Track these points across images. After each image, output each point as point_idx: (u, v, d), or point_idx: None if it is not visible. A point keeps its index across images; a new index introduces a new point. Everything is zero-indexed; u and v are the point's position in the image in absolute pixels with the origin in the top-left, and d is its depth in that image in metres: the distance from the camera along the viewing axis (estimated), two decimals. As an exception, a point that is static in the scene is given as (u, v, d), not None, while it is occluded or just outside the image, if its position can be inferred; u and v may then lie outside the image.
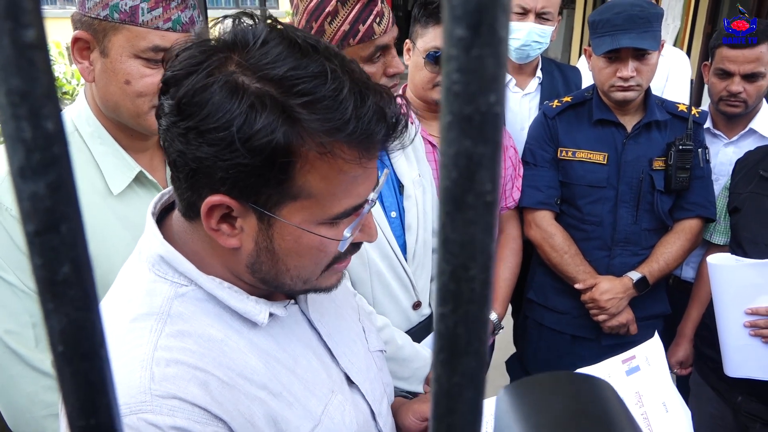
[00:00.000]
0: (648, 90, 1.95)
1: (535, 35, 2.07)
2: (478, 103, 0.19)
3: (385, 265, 1.42)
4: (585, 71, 2.34)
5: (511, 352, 2.41)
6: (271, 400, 0.77)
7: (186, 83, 0.66)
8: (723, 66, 1.99)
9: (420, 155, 1.59)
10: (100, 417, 0.25)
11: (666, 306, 2.09)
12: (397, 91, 1.54)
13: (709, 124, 2.13)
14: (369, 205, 0.76)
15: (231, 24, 0.70)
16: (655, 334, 1.17)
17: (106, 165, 1.14)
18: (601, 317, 1.96)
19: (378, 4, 1.30)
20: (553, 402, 0.38)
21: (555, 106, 2.03)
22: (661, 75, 2.61)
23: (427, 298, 1.56)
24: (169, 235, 0.78)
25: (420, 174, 1.55)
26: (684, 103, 2.01)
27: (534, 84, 2.26)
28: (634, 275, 1.95)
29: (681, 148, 1.89)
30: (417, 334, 1.53)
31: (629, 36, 1.78)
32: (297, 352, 0.83)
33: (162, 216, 0.83)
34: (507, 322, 2.03)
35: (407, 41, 1.76)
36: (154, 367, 0.68)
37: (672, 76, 2.69)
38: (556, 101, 2.05)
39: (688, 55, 4.90)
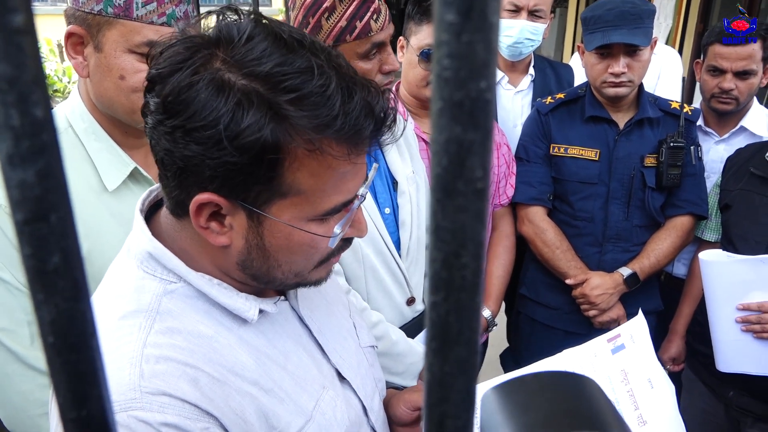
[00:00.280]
0: (641, 87, 1.96)
1: (528, 33, 2.08)
2: (469, 88, 0.19)
3: (379, 261, 1.42)
4: (578, 68, 2.34)
5: (503, 349, 2.41)
6: (262, 396, 0.76)
7: (171, 81, 0.65)
8: (715, 63, 2.00)
9: (413, 152, 1.59)
10: (91, 408, 0.25)
11: (658, 302, 2.10)
12: (392, 88, 1.54)
13: (700, 122, 2.14)
14: (359, 200, 0.76)
15: (215, 19, 0.70)
16: (639, 311, 1.18)
17: (100, 161, 1.13)
18: (591, 312, 1.97)
19: (375, 1, 1.30)
20: (539, 402, 0.38)
21: (548, 103, 2.04)
22: (653, 73, 2.62)
23: (421, 294, 1.57)
24: (158, 232, 0.78)
25: (414, 171, 1.55)
26: (677, 101, 2.02)
27: (526, 81, 2.26)
28: (625, 271, 1.96)
29: (672, 145, 1.90)
30: (411, 329, 1.53)
31: (620, 32, 1.79)
32: (287, 348, 0.83)
33: (151, 213, 0.82)
34: (500, 319, 2.03)
35: (401, 38, 1.75)
36: (144, 364, 0.68)
37: (664, 74, 2.70)
38: (550, 98, 2.06)
39: (680, 53, 4.92)
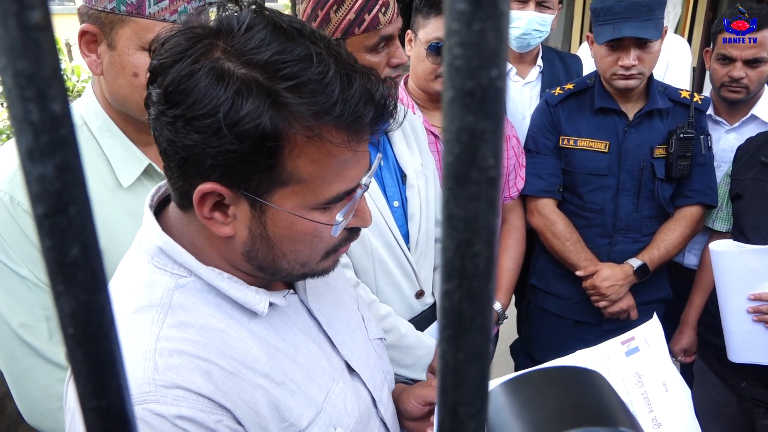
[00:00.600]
0: (650, 77, 1.94)
1: (536, 24, 2.07)
2: (480, 77, 0.19)
3: (388, 255, 1.42)
4: (586, 58, 2.33)
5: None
6: (274, 388, 0.77)
7: (172, 71, 0.66)
8: (725, 52, 1.98)
9: (422, 145, 1.59)
10: (110, 398, 0.25)
11: (667, 291, 2.10)
12: (400, 82, 1.54)
13: (710, 111, 2.13)
14: (362, 189, 0.76)
15: (216, 10, 0.70)
16: (654, 315, 1.18)
17: (115, 158, 1.14)
18: (602, 303, 1.97)
19: None
20: (547, 398, 0.38)
21: (557, 94, 2.03)
22: (662, 62, 2.60)
23: (430, 287, 1.57)
24: (167, 227, 0.78)
25: (423, 164, 1.55)
26: (687, 90, 2.00)
27: (535, 73, 2.25)
28: (635, 262, 1.95)
29: (682, 136, 1.88)
30: (420, 322, 1.54)
31: (631, 25, 1.77)
32: (297, 341, 0.83)
33: (160, 208, 0.83)
34: (510, 312, 2.03)
35: (409, 32, 1.75)
36: (158, 358, 0.69)
37: (672, 63, 2.68)
38: (558, 89, 2.04)
39: (689, 42, 4.87)
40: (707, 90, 2.23)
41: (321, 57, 0.66)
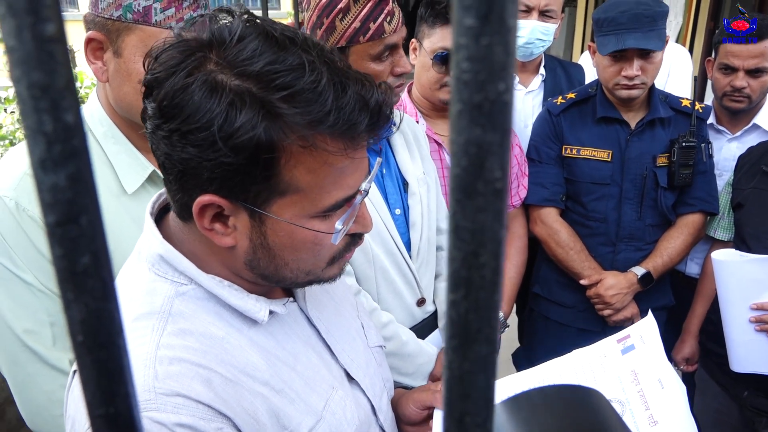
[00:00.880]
0: (652, 86, 1.95)
1: (539, 33, 2.07)
2: (488, 91, 0.19)
3: (389, 262, 1.42)
4: (588, 67, 2.34)
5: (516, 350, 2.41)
6: (274, 396, 0.77)
7: (166, 85, 0.66)
8: (727, 61, 1.99)
9: (424, 153, 1.59)
10: (118, 405, 0.25)
11: (669, 298, 2.10)
12: (404, 90, 1.54)
13: (712, 120, 2.13)
14: (361, 195, 0.75)
15: (208, 22, 0.70)
16: (649, 312, 1.18)
17: (119, 164, 1.15)
18: (606, 312, 1.97)
19: (389, 3, 1.31)
20: (545, 418, 0.38)
21: (559, 103, 2.03)
22: (663, 71, 2.61)
23: (431, 295, 1.57)
24: (168, 235, 0.78)
25: (424, 172, 1.55)
26: (688, 98, 2.01)
27: (537, 81, 2.26)
28: (639, 270, 1.95)
29: (684, 144, 1.89)
30: (421, 330, 1.53)
31: (634, 36, 1.77)
32: (297, 349, 0.83)
33: (160, 215, 0.83)
34: (511, 321, 2.03)
35: (413, 40, 1.76)
36: (158, 366, 0.69)
37: (673, 72, 2.69)
38: (560, 98, 2.05)
39: (691, 51, 4.89)
40: (709, 99, 2.23)
41: (313, 65, 0.66)
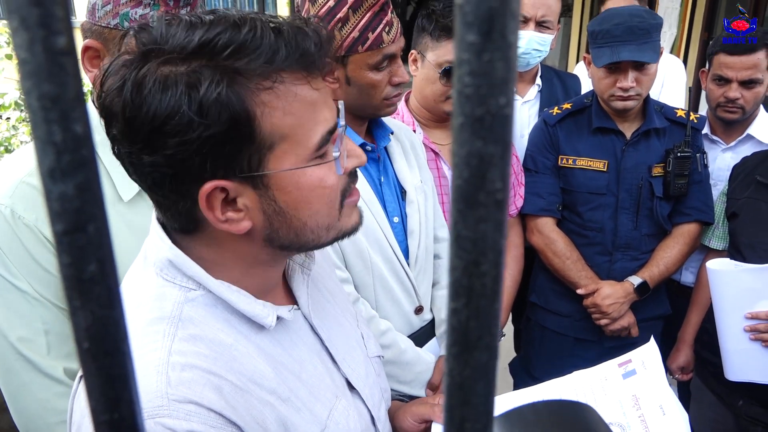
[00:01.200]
0: (647, 97, 1.96)
1: (535, 43, 2.09)
2: (489, 105, 0.20)
3: (387, 270, 1.43)
4: (584, 77, 2.35)
5: (512, 358, 2.41)
6: (280, 405, 0.77)
7: (118, 102, 0.67)
8: (721, 72, 2.01)
9: (422, 162, 1.60)
10: (123, 411, 0.26)
11: (666, 307, 2.11)
12: (401, 99, 1.55)
13: (707, 130, 2.15)
14: (340, 127, 0.77)
15: (134, 40, 0.71)
16: (651, 338, 1.18)
17: (115, 172, 1.15)
18: (603, 321, 1.98)
19: (388, 13, 1.32)
20: None
21: (555, 114, 2.05)
22: (657, 82, 2.62)
23: (429, 303, 1.57)
24: (174, 241, 0.78)
25: (422, 180, 1.56)
26: (683, 109, 2.03)
27: (533, 92, 2.27)
28: (635, 280, 1.96)
29: (679, 155, 1.90)
30: (419, 338, 1.54)
31: (629, 48, 1.78)
32: (302, 357, 0.83)
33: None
34: (507, 329, 2.04)
35: (413, 51, 1.76)
36: (170, 372, 0.69)
37: (667, 83, 2.71)
38: (556, 108, 2.06)
39: (685, 62, 4.92)
40: (703, 109, 2.25)
41: (243, 20, 0.68)
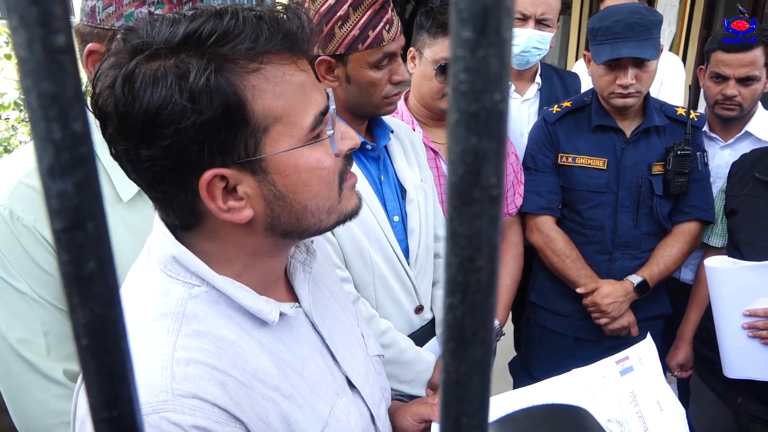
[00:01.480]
0: (647, 95, 1.96)
1: (535, 41, 2.09)
2: (484, 100, 0.20)
3: (388, 269, 1.43)
4: (583, 75, 2.35)
5: (511, 357, 2.41)
6: (283, 401, 0.77)
7: (112, 101, 0.68)
8: (718, 70, 2.01)
9: (422, 161, 1.60)
10: (121, 408, 0.26)
11: (667, 306, 2.11)
12: (400, 98, 1.55)
13: (705, 128, 2.15)
14: (332, 108, 0.78)
15: (122, 42, 0.72)
16: (648, 335, 1.19)
17: (114, 172, 1.15)
18: (602, 321, 1.98)
19: (388, 12, 1.32)
20: None
21: (555, 112, 2.05)
22: (656, 80, 2.63)
23: (429, 302, 1.57)
24: (177, 238, 0.79)
25: (422, 179, 1.56)
26: (683, 107, 2.03)
27: (533, 90, 2.27)
28: (635, 279, 1.96)
29: (679, 153, 1.90)
30: (419, 338, 1.54)
31: (629, 45, 1.78)
32: (304, 354, 0.84)
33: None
34: (507, 328, 2.04)
35: (411, 49, 1.76)
36: (175, 367, 0.69)
37: (666, 80, 2.71)
38: (556, 106, 2.06)
39: (684, 60, 4.92)
40: (702, 107, 2.25)
41: (224, 9, 0.70)
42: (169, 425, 0.66)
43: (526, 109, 2.27)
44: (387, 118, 1.51)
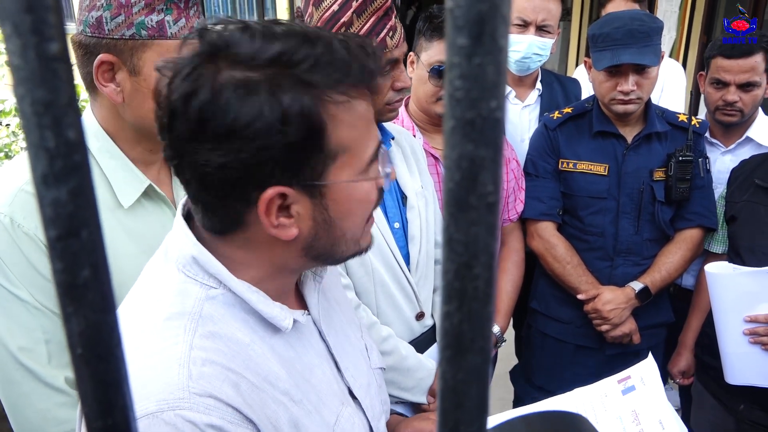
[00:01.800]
0: (648, 101, 1.96)
1: (536, 48, 2.09)
2: (480, 108, 0.20)
3: (388, 276, 1.43)
4: (584, 81, 2.35)
5: (513, 364, 2.40)
6: (293, 406, 0.78)
7: (194, 102, 0.67)
8: (718, 76, 2.01)
9: (422, 167, 1.60)
10: (116, 417, 0.26)
11: (669, 314, 2.10)
12: (402, 104, 1.55)
13: (706, 133, 2.15)
14: (384, 145, 0.81)
15: (198, 39, 0.72)
16: (650, 355, 1.19)
17: (115, 179, 1.14)
18: (604, 327, 1.97)
19: (392, 18, 1.32)
20: None
21: (556, 118, 2.05)
22: (657, 86, 2.63)
23: (430, 309, 1.57)
24: (199, 238, 0.79)
25: (422, 185, 1.56)
26: (684, 113, 2.02)
27: (534, 96, 2.27)
28: (637, 285, 1.95)
29: (681, 159, 1.90)
30: (420, 344, 1.53)
31: (630, 51, 1.78)
32: (312, 361, 0.84)
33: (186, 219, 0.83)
34: (508, 335, 2.03)
35: (411, 54, 1.77)
36: (191, 366, 0.70)
37: (667, 87, 2.71)
38: (557, 112, 2.06)
39: (684, 65, 4.93)
40: (703, 113, 2.25)
41: (316, 35, 0.71)
42: (185, 423, 0.66)
43: (527, 115, 2.27)
44: (387, 125, 1.52)
